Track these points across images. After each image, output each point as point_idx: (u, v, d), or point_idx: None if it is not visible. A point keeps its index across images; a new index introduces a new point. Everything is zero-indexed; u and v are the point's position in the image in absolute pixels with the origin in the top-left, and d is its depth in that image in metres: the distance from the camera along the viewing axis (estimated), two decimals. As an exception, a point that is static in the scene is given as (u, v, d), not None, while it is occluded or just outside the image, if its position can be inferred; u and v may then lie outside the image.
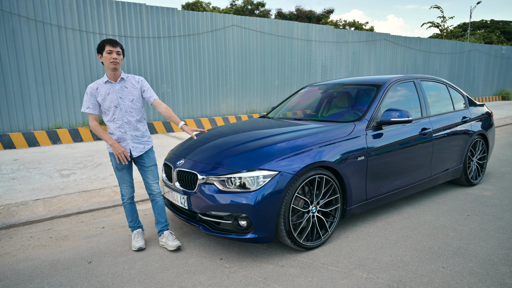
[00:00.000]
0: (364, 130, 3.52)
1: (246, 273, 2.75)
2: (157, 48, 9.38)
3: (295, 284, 2.58)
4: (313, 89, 4.85)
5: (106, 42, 2.96)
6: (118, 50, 2.98)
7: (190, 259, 2.99)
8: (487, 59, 19.55)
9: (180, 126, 3.20)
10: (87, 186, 4.84)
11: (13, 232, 3.68)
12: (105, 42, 2.97)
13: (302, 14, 34.80)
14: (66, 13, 8.05)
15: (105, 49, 2.94)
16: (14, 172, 5.61)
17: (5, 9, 7.43)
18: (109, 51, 2.94)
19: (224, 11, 33.65)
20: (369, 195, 3.52)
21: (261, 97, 11.63)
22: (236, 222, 2.88)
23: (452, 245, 3.14)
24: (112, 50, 2.94)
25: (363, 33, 14.08)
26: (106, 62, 2.96)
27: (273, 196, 2.80)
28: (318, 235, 3.14)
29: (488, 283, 2.54)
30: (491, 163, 6.12)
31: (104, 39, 3.00)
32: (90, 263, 2.97)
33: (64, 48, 8.14)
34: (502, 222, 3.64)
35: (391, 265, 2.81)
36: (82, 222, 3.93)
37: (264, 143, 3.24)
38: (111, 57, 2.94)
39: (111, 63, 2.95)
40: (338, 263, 2.87)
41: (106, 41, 2.97)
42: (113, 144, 3.01)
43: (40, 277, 2.76)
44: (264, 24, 11.29)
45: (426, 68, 16.70)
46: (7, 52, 7.54)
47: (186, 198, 3.11)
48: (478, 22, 47.19)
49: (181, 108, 10.07)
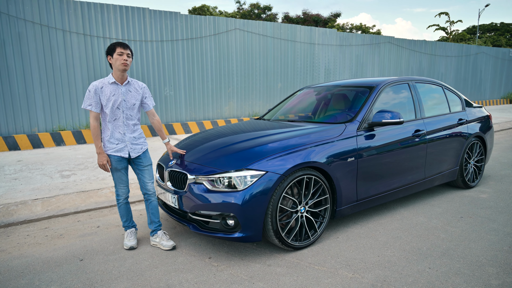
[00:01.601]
0: (355, 131, 3.54)
1: (233, 272, 2.78)
2: (160, 52, 9.50)
3: (279, 282, 2.61)
4: (309, 91, 4.88)
5: (117, 44, 3.05)
6: (128, 53, 3.08)
7: (179, 258, 3.04)
8: (494, 62, 19.36)
9: (164, 142, 3.46)
10: (85, 187, 4.93)
11: (11, 231, 3.77)
12: (116, 44, 3.06)
13: (309, 18, 34.84)
14: (70, 17, 8.22)
15: (116, 50, 3.02)
16: (17, 172, 5.73)
17: (12, 13, 7.61)
18: (120, 52, 3.02)
19: (231, 15, 33.87)
20: (360, 196, 3.53)
21: (264, 100, 11.68)
22: (224, 221, 2.92)
23: (442, 246, 3.14)
24: (123, 52, 3.03)
25: (367, 36, 14.07)
26: (117, 64, 3.03)
27: (260, 195, 2.84)
28: (307, 235, 3.16)
29: (473, 283, 2.54)
30: (491, 165, 6.07)
31: (115, 42, 3.09)
32: (81, 260, 3.03)
33: (68, 52, 8.29)
34: (495, 224, 3.61)
35: (377, 265, 2.82)
36: (78, 221, 4.01)
37: (254, 143, 3.28)
38: (122, 58, 3.02)
39: (122, 64, 3.03)
40: (325, 263, 2.89)
41: (117, 43, 3.06)
42: (99, 153, 3.11)
43: (32, 273, 2.83)
44: (267, 27, 11.36)
45: (432, 71, 16.60)
46: (13, 55, 7.71)
47: (177, 197, 3.16)
48: (488, 25, 46.72)
49: (184, 111, 10.16)
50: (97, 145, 3.11)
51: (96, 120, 3.12)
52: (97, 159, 3.13)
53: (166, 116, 9.88)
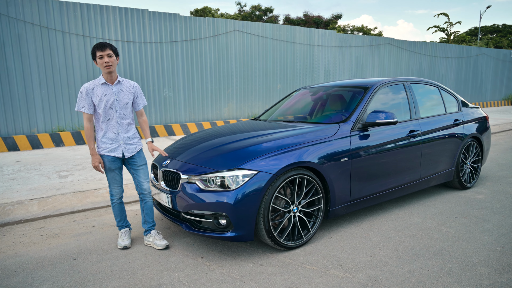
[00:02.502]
0: (348, 131, 3.55)
1: (225, 271, 2.79)
2: (159, 53, 9.53)
3: (270, 282, 2.61)
4: (305, 92, 4.89)
5: (95, 48, 3.03)
6: (109, 53, 3.02)
7: (172, 257, 3.04)
8: (495, 64, 19.32)
9: (146, 142, 3.40)
10: (82, 187, 4.94)
11: (7, 230, 3.78)
12: (95, 48, 3.03)
13: (309, 19, 34.86)
14: (70, 19, 8.26)
15: (96, 55, 3.02)
16: (15, 173, 5.76)
17: (11, 15, 7.66)
18: (100, 56, 3.01)
19: (232, 17, 33.95)
20: (354, 196, 3.53)
21: (263, 101, 11.69)
22: (216, 220, 2.93)
23: (435, 246, 3.13)
24: (102, 54, 3.00)
25: (367, 38, 14.08)
26: (101, 67, 3.05)
27: (252, 195, 2.85)
28: (299, 235, 3.16)
29: (463, 283, 2.54)
30: (489, 166, 6.06)
31: (94, 45, 3.06)
32: (75, 259, 3.04)
33: (68, 53, 8.33)
34: (489, 224, 3.61)
35: (369, 265, 2.82)
36: (74, 221, 4.02)
37: (247, 143, 3.29)
38: (103, 61, 3.02)
39: (105, 67, 3.03)
40: (317, 262, 2.89)
41: (96, 46, 3.03)
42: (93, 155, 3.14)
43: (25, 272, 2.85)
44: (266, 29, 11.39)
45: (432, 73, 16.58)
46: (12, 56, 7.76)
47: (171, 197, 3.17)
48: (490, 26, 46.59)
49: (183, 112, 10.19)
50: (90, 147, 3.13)
51: (89, 121, 3.13)
52: (91, 162, 3.16)
53: (165, 117, 9.90)
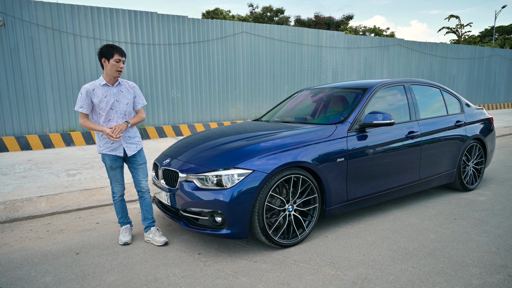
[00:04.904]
0: (345, 132, 3.59)
1: (219, 267, 2.87)
2: (167, 55, 9.70)
3: (262, 278, 2.68)
4: (307, 93, 4.95)
5: (115, 50, 3.08)
6: (124, 60, 3.16)
7: (170, 253, 3.14)
8: (509, 65, 18.98)
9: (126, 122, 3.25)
10: (89, 185, 5.10)
11: (16, 225, 3.94)
12: (114, 49, 3.08)
13: (320, 20, 34.80)
14: (81, 22, 8.49)
15: (114, 56, 3.07)
16: (26, 171, 5.96)
17: (25, 19, 7.92)
18: (118, 59, 3.09)
19: (244, 18, 34.11)
20: (350, 196, 3.57)
21: (271, 102, 11.76)
22: (212, 218, 3.02)
23: (429, 246, 3.16)
24: (120, 59, 3.10)
25: (376, 39, 14.02)
26: (112, 69, 3.11)
27: (247, 194, 2.92)
28: (295, 233, 3.22)
29: (453, 283, 2.56)
30: (495, 168, 6.00)
31: (112, 46, 3.10)
32: (77, 254, 3.17)
33: (79, 55, 8.56)
34: (487, 226, 3.60)
35: (361, 264, 2.86)
36: (80, 217, 4.16)
37: (245, 143, 3.36)
38: (119, 66, 3.11)
39: (117, 71, 3.12)
40: (310, 260, 2.95)
41: (116, 49, 3.09)
42: (103, 130, 3.10)
43: (30, 265, 2.98)
44: (274, 30, 11.46)
45: (443, 74, 16.39)
46: (25, 58, 8.02)
47: (169, 195, 3.27)
48: (507, 26, 45.59)
49: (191, 113, 10.33)
50: (95, 126, 3.13)
51: (84, 118, 3.19)
52: (107, 135, 3.07)
53: (173, 118, 10.06)
